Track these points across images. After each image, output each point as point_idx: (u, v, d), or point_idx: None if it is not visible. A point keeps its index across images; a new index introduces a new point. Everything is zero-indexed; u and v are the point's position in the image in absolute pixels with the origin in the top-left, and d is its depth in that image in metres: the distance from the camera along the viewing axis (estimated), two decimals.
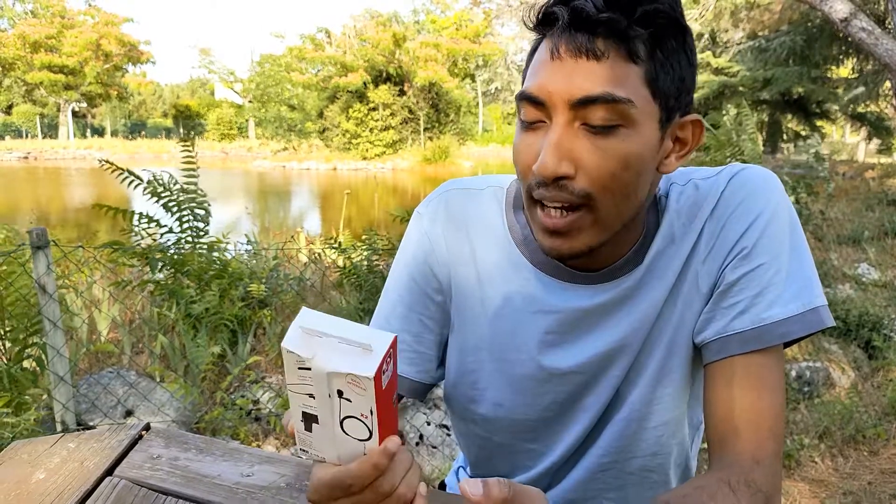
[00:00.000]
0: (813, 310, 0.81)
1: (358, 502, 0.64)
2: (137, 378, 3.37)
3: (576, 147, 0.73)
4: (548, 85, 0.73)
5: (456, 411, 1.02)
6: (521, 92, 0.77)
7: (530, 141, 0.77)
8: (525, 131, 0.78)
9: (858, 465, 3.26)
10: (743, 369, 0.80)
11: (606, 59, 0.71)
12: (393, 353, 0.60)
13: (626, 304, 0.87)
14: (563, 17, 0.72)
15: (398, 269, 0.98)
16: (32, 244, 2.28)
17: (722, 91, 23.90)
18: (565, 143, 0.73)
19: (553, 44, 0.73)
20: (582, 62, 0.72)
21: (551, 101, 0.73)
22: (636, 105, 0.72)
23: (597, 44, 0.71)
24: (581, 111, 0.72)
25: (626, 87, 0.72)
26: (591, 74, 0.71)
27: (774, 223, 0.82)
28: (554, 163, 0.73)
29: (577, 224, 0.76)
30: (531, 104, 0.75)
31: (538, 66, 0.75)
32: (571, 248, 0.78)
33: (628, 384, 0.91)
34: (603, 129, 0.73)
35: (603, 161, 0.73)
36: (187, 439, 0.96)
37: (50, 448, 0.92)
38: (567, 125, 0.73)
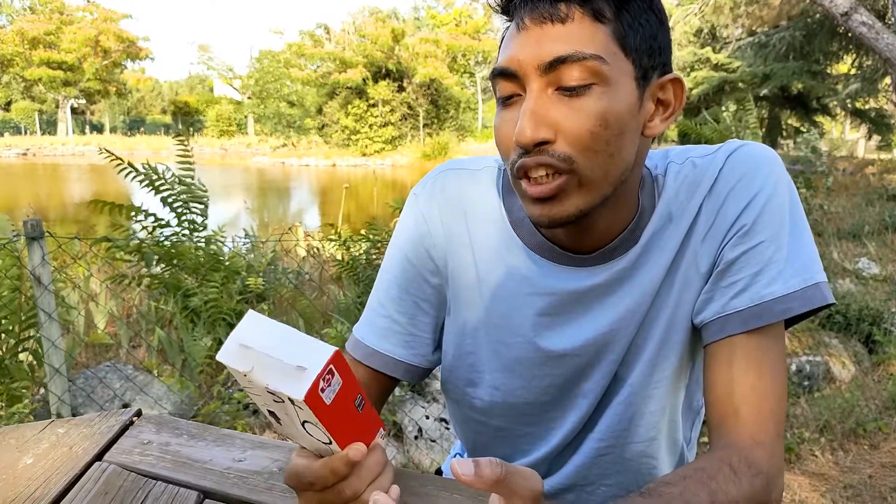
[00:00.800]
0: (814, 285, 0.79)
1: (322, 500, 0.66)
2: (134, 372, 3.36)
3: (552, 111, 0.73)
4: (517, 55, 0.73)
5: (453, 396, 1.00)
6: (492, 70, 0.76)
7: (508, 116, 0.76)
8: (503, 109, 0.78)
9: (859, 458, 3.26)
10: (743, 349, 0.79)
11: (572, 21, 0.71)
12: (337, 367, 0.58)
13: (623, 285, 0.86)
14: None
15: (393, 250, 0.97)
16: (27, 235, 2.26)
17: (721, 87, 23.90)
18: (541, 109, 0.72)
19: (518, 17, 0.74)
20: (548, 27, 0.72)
21: (522, 69, 0.73)
22: (607, 62, 0.72)
23: (560, 8, 0.71)
24: (553, 74, 0.72)
25: (594, 45, 0.71)
26: (558, 37, 0.71)
27: (774, 200, 0.80)
28: (532, 128, 0.72)
29: (562, 187, 0.74)
30: (504, 79, 0.75)
31: (506, 42, 0.76)
32: (561, 213, 0.76)
33: (626, 367, 0.89)
34: (576, 89, 0.72)
35: (580, 121, 0.72)
36: (179, 425, 0.94)
37: (38, 433, 0.90)
38: (541, 91, 0.73)
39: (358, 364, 0.95)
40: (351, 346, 0.97)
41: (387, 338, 0.94)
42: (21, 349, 2.99)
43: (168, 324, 4.06)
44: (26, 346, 2.99)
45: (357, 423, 0.63)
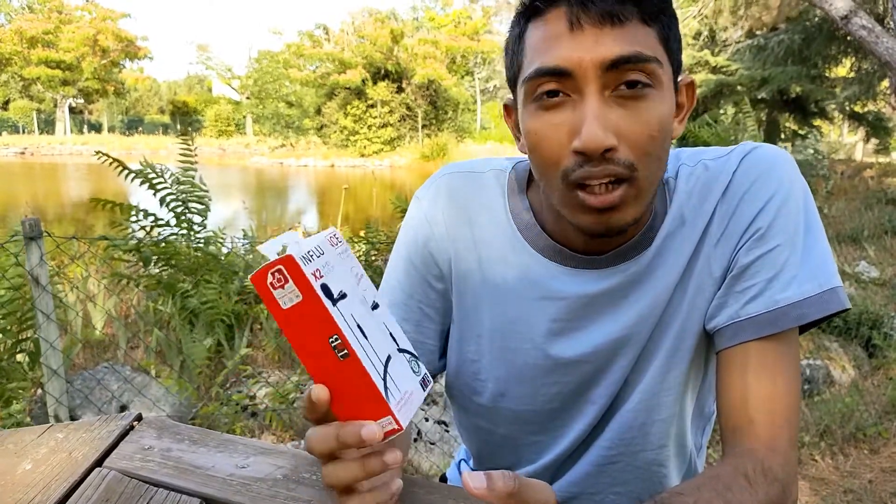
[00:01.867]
0: (830, 290, 0.78)
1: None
2: (132, 373, 3.34)
3: (614, 116, 0.71)
4: (574, 53, 0.70)
5: (458, 402, 0.99)
6: (537, 69, 0.72)
7: (556, 120, 0.73)
8: (545, 112, 0.74)
9: (859, 463, 3.25)
10: (757, 355, 0.77)
11: (629, 23, 0.70)
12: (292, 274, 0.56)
13: (635, 289, 0.84)
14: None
15: (397, 254, 0.95)
16: (25, 235, 2.24)
17: (720, 90, 23.92)
18: (605, 113, 0.70)
19: (570, 15, 0.70)
20: (606, 29, 0.70)
21: (581, 69, 0.70)
22: (661, 64, 0.72)
23: (617, 9, 0.69)
24: (612, 76, 0.70)
25: (651, 48, 0.71)
26: (618, 38, 0.70)
27: (789, 203, 0.79)
28: (602, 134, 0.69)
29: (623, 197, 0.73)
30: (554, 79, 0.72)
31: (552, 41, 0.72)
32: (619, 221, 0.74)
33: (637, 373, 0.87)
34: (636, 93, 0.71)
35: (642, 127, 0.71)
36: (180, 430, 0.93)
37: (37, 438, 0.88)
38: (600, 94, 0.71)
39: None
40: None
41: None
42: (18, 349, 2.97)
43: (166, 324, 4.05)
44: (24, 347, 2.97)
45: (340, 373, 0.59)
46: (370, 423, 0.58)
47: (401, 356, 0.64)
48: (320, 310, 0.57)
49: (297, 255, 0.56)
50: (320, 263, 0.58)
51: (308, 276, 0.56)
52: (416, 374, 0.66)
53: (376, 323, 0.63)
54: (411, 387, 0.64)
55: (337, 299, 0.58)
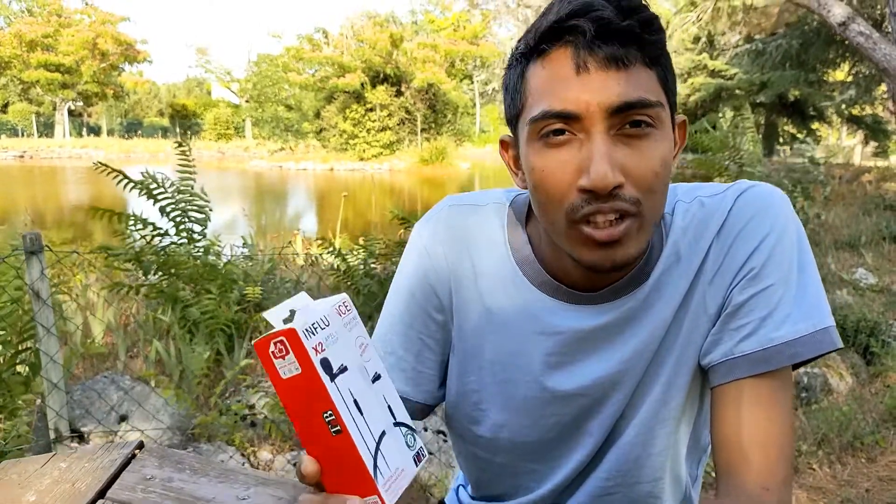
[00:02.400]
0: (823, 330, 0.79)
1: None
2: (132, 383, 3.34)
3: (619, 154, 0.73)
4: (581, 96, 0.72)
5: (457, 431, 1.00)
6: (544, 111, 0.74)
7: (564, 158, 0.74)
8: (551, 149, 0.75)
9: (856, 472, 3.26)
10: (751, 393, 0.79)
11: (633, 67, 0.72)
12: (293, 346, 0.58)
13: (631, 324, 0.85)
14: (590, 29, 0.71)
15: (398, 285, 0.96)
16: (26, 249, 2.26)
17: (718, 94, 23.95)
18: (612, 152, 0.72)
19: (577, 58, 0.72)
20: (612, 72, 0.71)
21: (588, 112, 0.72)
22: (663, 106, 0.74)
23: (622, 54, 0.71)
24: (617, 118, 0.72)
25: (654, 91, 0.73)
26: (623, 82, 0.71)
27: (783, 243, 0.80)
28: (611, 172, 0.71)
29: (627, 231, 0.74)
30: (561, 120, 0.73)
31: (558, 84, 0.73)
32: (624, 256, 0.76)
33: (633, 407, 0.89)
34: (640, 132, 0.73)
35: (647, 164, 0.73)
36: (181, 459, 0.94)
37: (41, 468, 0.90)
38: (606, 134, 0.72)
39: None
40: None
41: (391, 374, 0.93)
42: (18, 360, 2.97)
43: (166, 334, 4.05)
44: (24, 358, 2.98)
45: (332, 447, 0.60)
46: (355, 500, 0.60)
47: (396, 430, 0.66)
48: (317, 385, 0.58)
49: (300, 329, 0.57)
50: (324, 336, 0.60)
51: (309, 351, 0.57)
52: (410, 448, 0.67)
53: (375, 396, 0.64)
54: (403, 463, 0.65)
55: (336, 374, 0.60)
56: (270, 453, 3.10)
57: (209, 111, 54.88)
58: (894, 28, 8.25)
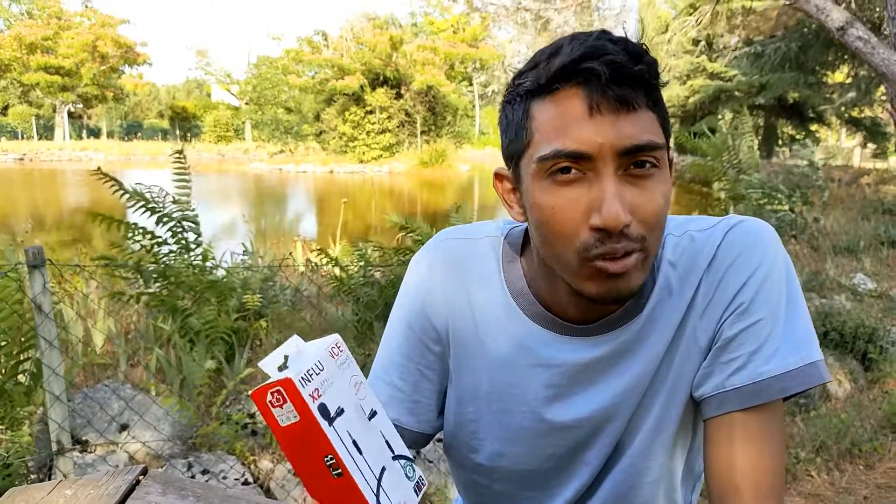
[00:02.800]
0: (811, 364, 0.81)
1: None
2: (133, 392, 3.36)
3: (627, 194, 0.74)
4: (594, 138, 0.73)
5: (455, 460, 1.02)
6: (557, 150, 0.75)
7: (574, 196, 0.75)
8: (560, 187, 0.76)
9: (854, 479, 3.27)
10: (743, 425, 0.80)
11: (640, 109, 0.74)
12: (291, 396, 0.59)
13: (625, 357, 0.87)
14: (605, 72, 0.72)
15: (396, 318, 0.98)
16: (29, 263, 2.27)
17: (718, 96, 23.98)
18: (622, 192, 0.74)
19: (590, 100, 0.73)
20: (622, 115, 0.73)
21: (601, 152, 0.73)
22: (665, 148, 0.77)
23: (631, 97, 0.73)
24: (625, 159, 0.74)
25: (658, 134, 0.76)
26: (633, 125, 0.73)
27: (771, 278, 0.82)
28: (622, 212, 0.73)
29: (634, 265, 0.76)
30: (572, 160, 0.75)
31: (569, 124, 0.74)
32: (628, 288, 0.78)
33: (627, 437, 0.90)
34: (644, 172, 0.75)
35: (652, 204, 0.75)
36: (185, 485, 0.95)
37: (47, 496, 0.91)
38: (615, 174, 0.74)
39: None
40: None
41: (390, 405, 0.95)
42: (20, 371, 2.99)
43: (166, 342, 4.06)
44: (25, 368, 3.00)
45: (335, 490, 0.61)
46: None
47: (395, 464, 0.67)
48: (316, 430, 0.59)
49: (295, 378, 0.59)
50: (319, 381, 0.61)
51: (306, 399, 0.59)
52: (410, 479, 0.68)
53: (373, 434, 0.66)
54: (404, 496, 0.66)
55: (334, 417, 0.61)
56: (271, 462, 3.11)
57: (209, 113, 54.88)
58: (892, 32, 8.26)
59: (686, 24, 15.10)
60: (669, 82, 26.15)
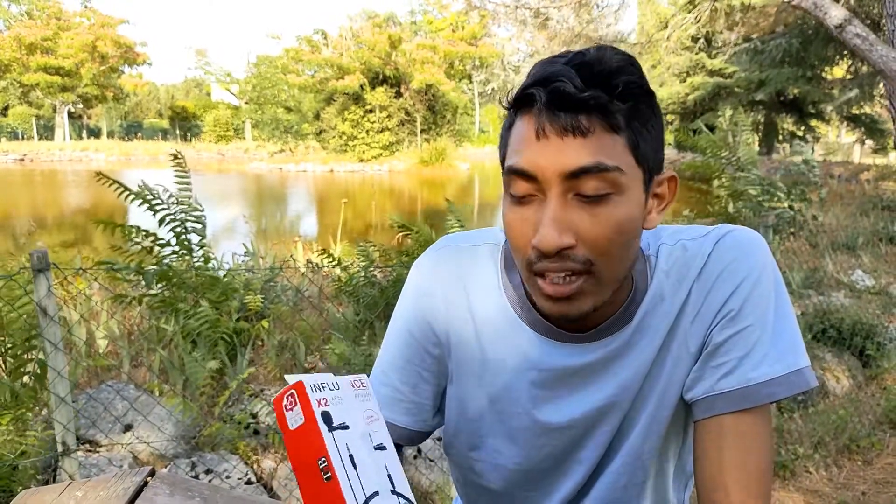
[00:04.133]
0: (797, 371, 0.84)
1: None
2: (136, 393, 3.39)
3: (573, 217, 0.76)
4: (538, 160, 0.75)
5: (455, 458, 1.05)
6: (509, 167, 0.78)
7: (525, 215, 0.79)
8: (516, 205, 0.80)
9: (852, 475, 3.29)
10: (731, 428, 0.83)
11: (592, 134, 0.74)
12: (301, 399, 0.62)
13: (617, 362, 0.90)
14: (542, 98, 0.74)
15: (397, 322, 1.01)
16: (33, 267, 2.30)
17: (717, 92, 23.98)
18: (563, 215, 0.76)
19: (537, 124, 0.76)
20: (569, 139, 0.74)
21: (544, 175, 0.75)
22: (624, 172, 0.76)
23: (581, 121, 0.74)
24: (574, 182, 0.75)
25: (613, 156, 0.75)
26: (580, 149, 0.74)
27: (760, 286, 0.85)
28: (555, 237, 0.75)
29: (580, 289, 0.79)
30: (522, 178, 0.77)
31: (523, 144, 0.77)
32: (578, 310, 0.80)
33: (620, 438, 0.94)
34: (596, 198, 0.75)
35: (600, 229, 0.76)
36: (191, 486, 0.98)
37: (57, 497, 0.93)
38: (561, 197, 0.76)
39: None
40: None
41: (390, 406, 0.99)
42: (24, 372, 3.01)
43: (169, 343, 4.09)
44: (29, 370, 3.02)
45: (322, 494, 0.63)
46: None
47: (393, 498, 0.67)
48: (315, 432, 0.63)
49: (307, 382, 0.63)
50: (330, 395, 0.65)
51: (312, 402, 0.62)
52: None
53: (374, 461, 0.67)
54: None
55: (335, 427, 0.64)
56: (274, 462, 3.14)
57: (209, 113, 54.80)
58: (890, 29, 8.27)
59: (685, 21, 15.08)
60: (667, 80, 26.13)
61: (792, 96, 22.37)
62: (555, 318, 0.83)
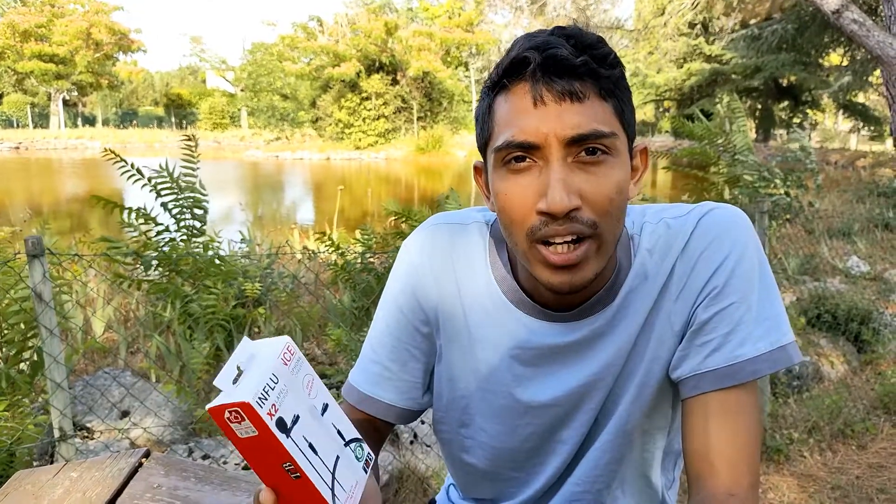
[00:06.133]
0: (780, 348, 0.84)
1: None
2: (133, 379, 3.39)
3: (577, 180, 0.77)
4: (540, 127, 0.77)
5: (445, 436, 1.06)
6: (507, 142, 0.79)
7: (524, 183, 0.80)
8: (514, 175, 0.80)
9: (846, 459, 3.31)
10: (718, 405, 0.84)
11: (587, 100, 0.77)
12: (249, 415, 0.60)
13: (601, 340, 0.91)
14: (537, 61, 0.76)
15: (387, 300, 1.02)
16: (28, 253, 2.29)
17: (714, 79, 23.93)
18: (568, 178, 0.77)
19: (534, 91, 0.77)
20: (566, 105, 0.76)
21: (546, 142, 0.77)
22: (617, 136, 0.79)
23: (576, 86, 0.76)
24: (574, 147, 0.77)
25: (607, 123, 0.78)
26: (578, 114, 0.76)
27: (743, 263, 0.85)
28: (565, 197, 0.76)
29: (586, 254, 0.80)
30: (521, 150, 0.79)
31: (518, 115, 0.79)
32: (582, 278, 0.81)
33: (604, 416, 0.94)
34: (595, 159, 0.78)
35: (602, 189, 0.78)
36: (186, 467, 0.99)
37: (53, 478, 0.94)
38: (564, 161, 0.77)
39: (352, 408, 1.01)
40: (346, 391, 1.02)
41: (379, 384, 1.00)
42: (22, 359, 3.02)
43: (166, 329, 4.08)
44: (27, 357, 3.02)
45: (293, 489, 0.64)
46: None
47: (346, 450, 0.70)
48: (275, 443, 0.62)
49: (252, 401, 0.60)
50: (275, 396, 0.63)
51: (263, 417, 0.60)
52: (359, 460, 0.71)
53: (326, 429, 0.68)
54: (356, 477, 0.70)
55: (290, 427, 0.63)
56: None
57: (204, 100, 54.58)
58: (887, 15, 8.25)
59: (682, 7, 15.06)
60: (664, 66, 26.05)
61: (787, 83, 22.35)
62: (557, 288, 0.82)
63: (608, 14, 20.79)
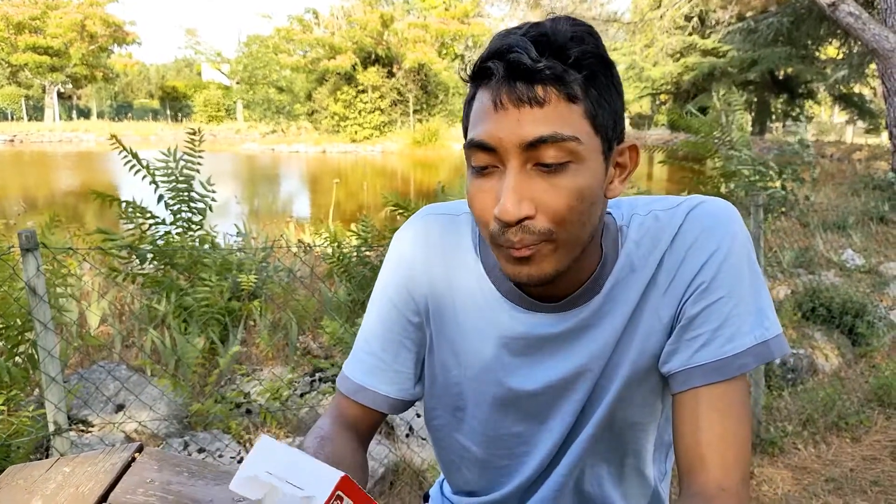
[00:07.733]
0: (767, 341, 0.85)
1: None
2: (128, 373, 3.39)
3: (532, 187, 0.77)
4: (497, 132, 0.76)
5: (438, 423, 1.06)
6: (469, 140, 0.80)
7: (486, 186, 0.80)
8: (477, 177, 0.81)
9: (840, 451, 3.32)
10: (708, 400, 0.84)
11: (549, 104, 0.75)
12: (346, 490, 0.60)
13: (588, 331, 0.91)
14: (499, 70, 0.76)
15: (379, 291, 1.03)
16: (22, 247, 2.28)
17: (711, 73, 23.95)
18: (522, 185, 0.77)
19: (494, 95, 0.77)
20: (525, 110, 0.75)
21: (502, 146, 0.77)
22: (582, 141, 0.77)
23: (537, 91, 0.75)
24: (532, 153, 0.76)
25: (570, 126, 0.76)
26: (537, 119, 0.75)
27: (731, 257, 0.86)
28: (515, 207, 0.76)
29: (541, 251, 0.79)
30: (482, 151, 0.79)
31: (482, 116, 0.78)
32: (539, 273, 0.81)
33: (591, 406, 0.95)
34: (555, 167, 0.76)
35: (560, 198, 0.77)
36: (179, 461, 0.98)
37: (45, 473, 0.94)
38: (521, 167, 0.77)
39: (346, 399, 1.01)
40: (340, 381, 1.03)
41: (372, 374, 1.00)
42: (17, 353, 3.01)
43: (161, 323, 4.08)
44: (22, 351, 3.02)
45: None
46: None
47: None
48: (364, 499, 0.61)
49: (337, 474, 0.60)
50: None
51: None
52: None
53: None
54: None
55: None
56: None
57: (199, 93, 54.36)
58: (883, 8, 8.26)
59: (679, 0, 15.05)
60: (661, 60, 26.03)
61: (784, 76, 22.36)
62: (521, 282, 0.83)
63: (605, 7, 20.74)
